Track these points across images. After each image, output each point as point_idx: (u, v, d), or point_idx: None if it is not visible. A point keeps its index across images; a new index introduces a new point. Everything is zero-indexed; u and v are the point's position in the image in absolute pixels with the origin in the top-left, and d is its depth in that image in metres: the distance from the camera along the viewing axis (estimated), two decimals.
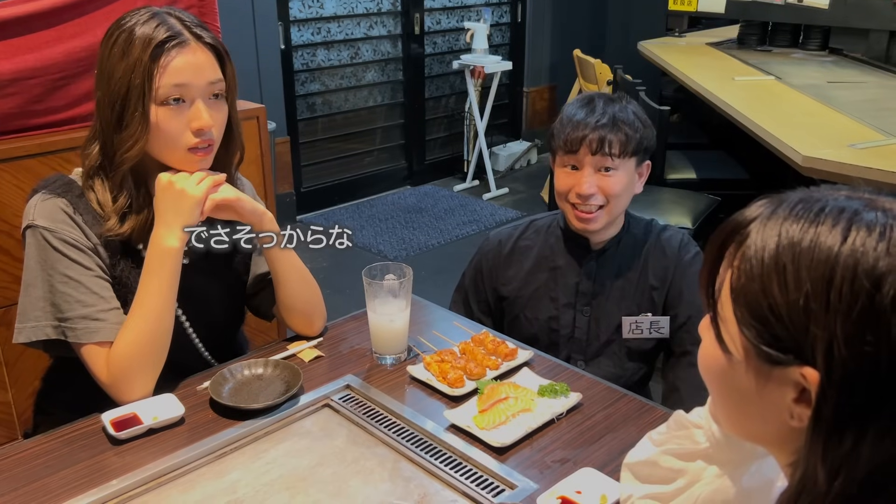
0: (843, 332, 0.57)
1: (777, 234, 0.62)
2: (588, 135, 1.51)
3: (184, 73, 1.25)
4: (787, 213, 0.63)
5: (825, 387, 0.59)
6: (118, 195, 1.31)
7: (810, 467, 0.61)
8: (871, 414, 0.58)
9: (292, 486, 1.14)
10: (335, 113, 4.78)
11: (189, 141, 1.28)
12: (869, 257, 0.58)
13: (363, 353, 1.47)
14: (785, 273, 0.60)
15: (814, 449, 0.61)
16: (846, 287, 0.58)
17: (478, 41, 4.81)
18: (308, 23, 4.49)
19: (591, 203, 1.53)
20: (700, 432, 0.83)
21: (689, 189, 3.07)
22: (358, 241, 4.24)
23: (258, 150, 2.20)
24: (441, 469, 1.16)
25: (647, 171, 1.62)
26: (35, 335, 1.29)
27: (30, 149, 1.80)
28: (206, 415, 1.28)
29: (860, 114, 2.59)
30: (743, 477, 0.78)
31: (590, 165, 1.53)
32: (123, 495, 1.11)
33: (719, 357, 0.67)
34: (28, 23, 1.79)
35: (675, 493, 0.82)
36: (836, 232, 0.60)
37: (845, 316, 0.57)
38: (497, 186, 5.01)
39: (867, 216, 0.60)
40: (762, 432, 0.68)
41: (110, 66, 1.25)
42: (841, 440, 0.59)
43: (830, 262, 0.59)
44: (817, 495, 0.60)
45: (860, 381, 0.58)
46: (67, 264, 1.27)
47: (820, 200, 0.63)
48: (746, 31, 4.04)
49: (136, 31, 1.24)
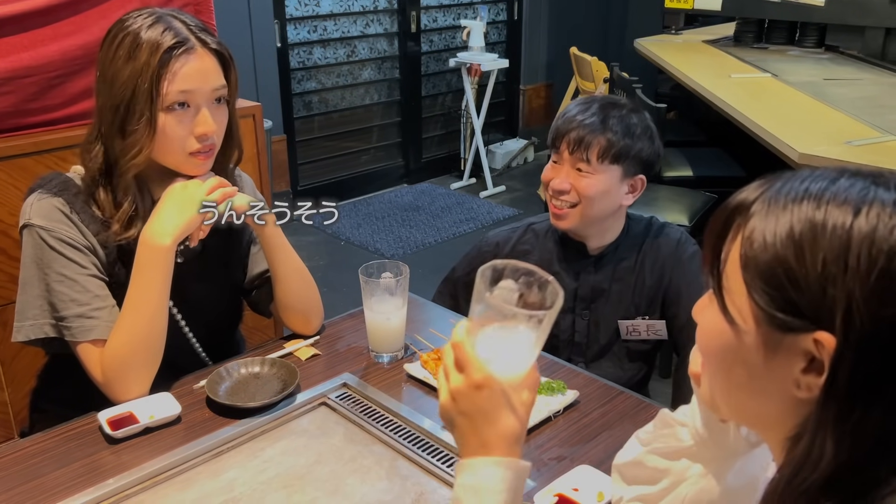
0: (862, 295, 0.58)
1: (788, 208, 0.62)
2: (570, 132, 1.51)
3: (191, 80, 1.25)
4: (794, 187, 0.64)
5: (842, 351, 0.59)
6: (122, 200, 1.30)
7: (818, 438, 0.61)
8: (885, 381, 0.59)
9: (289, 485, 1.14)
10: (331, 111, 4.78)
11: (192, 146, 1.28)
12: (884, 227, 0.59)
13: (360, 352, 1.47)
14: (801, 242, 0.60)
15: (823, 418, 0.61)
16: (864, 252, 0.58)
17: (474, 39, 4.81)
18: (304, 21, 4.49)
19: (564, 199, 1.54)
20: (684, 430, 0.82)
21: (686, 186, 3.07)
22: (355, 239, 4.24)
23: (254, 148, 2.20)
24: (438, 467, 1.16)
25: (642, 186, 1.59)
26: (34, 333, 1.29)
27: (25, 147, 1.80)
28: (203, 413, 1.28)
29: (856, 111, 2.59)
30: (727, 475, 0.78)
31: (567, 163, 1.54)
32: (120, 494, 1.11)
33: (724, 331, 0.67)
34: (23, 21, 1.78)
35: (660, 493, 0.82)
36: (848, 206, 0.60)
37: (864, 279, 0.58)
38: (494, 184, 5.01)
39: (877, 192, 0.61)
40: (764, 411, 0.68)
41: (114, 70, 1.24)
42: (853, 408, 0.59)
43: (846, 231, 0.59)
44: (820, 467, 0.61)
45: (876, 346, 0.58)
46: (63, 263, 1.27)
47: (824, 177, 0.64)
48: (743, 28, 4.04)
49: (141, 34, 1.23)
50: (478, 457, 0.80)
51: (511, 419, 0.80)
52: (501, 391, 0.79)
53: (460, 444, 0.83)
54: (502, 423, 0.80)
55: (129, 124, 1.24)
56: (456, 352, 0.81)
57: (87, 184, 1.32)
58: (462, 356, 0.80)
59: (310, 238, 4.24)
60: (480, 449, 0.80)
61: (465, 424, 0.81)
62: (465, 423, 0.81)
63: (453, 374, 0.81)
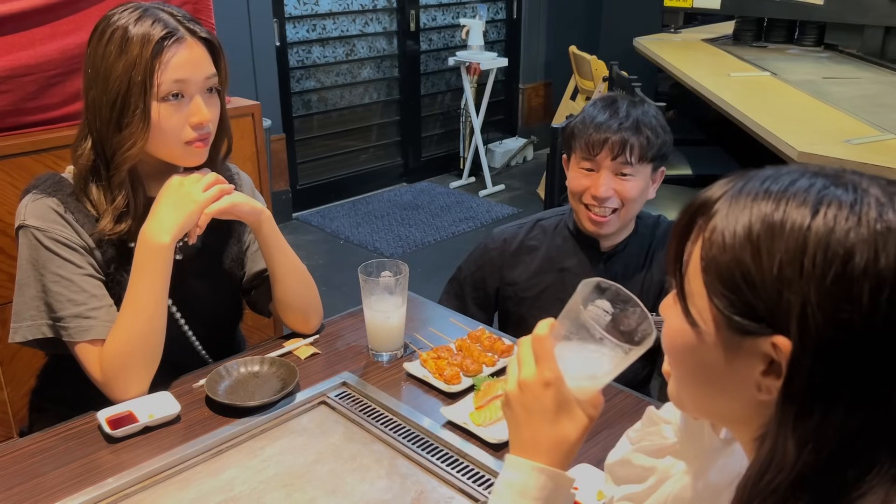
0: (817, 298, 0.57)
1: (748, 207, 0.62)
2: (611, 137, 1.49)
3: (183, 69, 1.25)
4: (755, 187, 0.63)
5: (798, 355, 0.59)
6: (116, 195, 1.30)
7: (780, 440, 0.61)
8: (842, 384, 0.58)
9: (289, 484, 1.13)
10: (331, 110, 4.77)
11: (188, 135, 1.28)
12: (841, 229, 0.58)
13: (359, 351, 1.47)
14: (759, 242, 0.60)
15: (784, 420, 0.61)
16: (819, 255, 0.58)
17: (473, 38, 4.81)
18: (303, 19, 4.49)
19: (607, 206, 1.53)
20: (669, 427, 0.82)
21: (685, 185, 3.07)
22: (354, 238, 4.24)
23: (253, 147, 2.20)
24: (438, 466, 1.16)
25: (661, 177, 1.61)
26: (31, 334, 1.29)
27: (24, 146, 1.80)
28: (202, 412, 1.28)
29: (855, 109, 2.59)
30: (709, 472, 0.78)
31: (607, 168, 1.52)
32: (119, 493, 1.10)
33: (686, 333, 0.67)
34: (22, 19, 1.78)
35: (646, 492, 0.82)
36: (807, 207, 0.60)
37: (819, 282, 0.57)
38: (493, 183, 5.01)
39: (836, 192, 0.60)
40: (728, 410, 0.68)
41: (106, 65, 1.24)
42: (812, 411, 0.59)
43: (803, 233, 0.59)
44: (785, 468, 0.60)
45: (832, 350, 0.58)
46: (59, 263, 1.27)
47: (786, 176, 0.63)
48: (742, 27, 4.04)
49: (130, 28, 1.24)
50: (526, 457, 0.80)
51: (568, 427, 0.79)
52: (567, 397, 0.79)
53: (512, 437, 0.82)
54: (559, 427, 0.79)
55: (124, 117, 1.24)
56: (535, 344, 0.80)
57: (78, 181, 1.31)
58: (540, 350, 0.79)
59: (309, 237, 4.24)
60: (531, 446, 0.80)
61: (523, 417, 0.80)
62: (524, 416, 0.80)
63: (526, 365, 0.80)
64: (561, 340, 0.80)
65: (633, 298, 0.81)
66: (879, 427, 0.59)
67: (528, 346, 0.81)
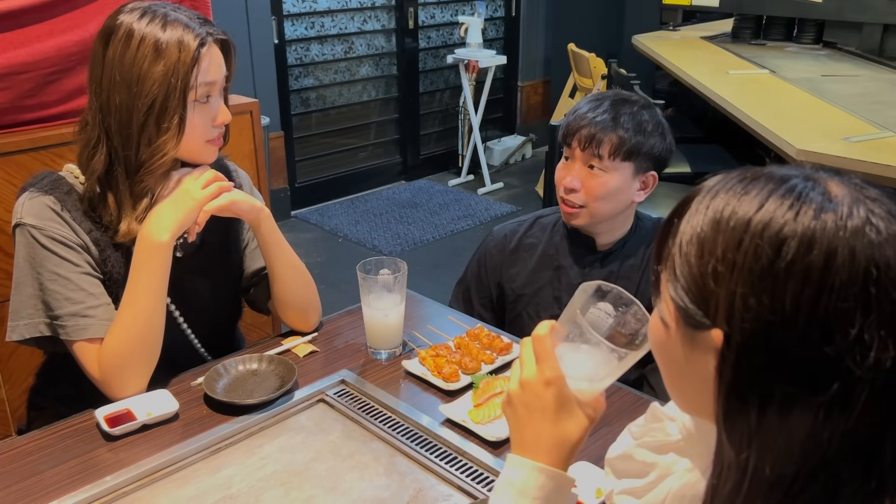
0: (743, 291, 0.58)
1: (707, 206, 0.63)
2: (583, 129, 1.51)
3: (211, 72, 1.27)
4: (723, 186, 0.64)
5: (725, 348, 0.59)
6: (137, 202, 1.29)
7: (721, 440, 0.61)
8: (772, 382, 0.58)
9: (287, 482, 1.13)
10: (329, 108, 4.77)
11: (210, 134, 1.31)
12: (777, 222, 0.58)
13: (358, 348, 1.47)
14: (704, 238, 0.62)
15: (719, 416, 0.61)
16: (751, 249, 0.58)
17: (472, 35, 4.81)
18: (301, 17, 4.48)
19: (573, 198, 1.53)
20: (673, 425, 0.83)
21: (684, 183, 3.07)
22: (353, 236, 4.23)
23: (252, 145, 2.19)
24: (436, 463, 1.16)
25: (654, 182, 1.59)
26: (29, 332, 1.28)
27: (21, 144, 1.80)
28: (201, 410, 1.28)
29: (854, 107, 2.59)
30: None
31: (580, 160, 1.53)
32: (117, 491, 1.10)
33: (660, 329, 0.68)
34: (19, 17, 1.78)
35: (647, 487, 0.82)
36: (756, 201, 0.60)
37: (746, 276, 0.58)
38: (492, 181, 5.01)
39: (791, 185, 0.60)
40: (700, 404, 0.68)
41: (140, 72, 1.22)
42: (744, 408, 0.59)
43: (743, 227, 0.59)
44: (731, 474, 0.60)
45: (757, 345, 0.58)
46: (56, 262, 1.27)
47: (760, 174, 0.64)
48: (740, 24, 4.04)
49: (160, 34, 1.22)
50: (527, 457, 0.80)
51: (570, 426, 0.80)
52: (568, 396, 0.80)
53: (514, 436, 0.83)
54: (560, 426, 0.80)
55: (162, 122, 1.24)
56: (535, 344, 0.81)
57: (91, 188, 1.29)
58: (541, 350, 0.80)
59: (308, 235, 4.24)
60: (532, 446, 0.80)
61: (524, 416, 0.81)
62: (525, 415, 0.81)
63: (527, 365, 0.81)
64: (562, 341, 0.80)
65: (635, 302, 0.81)
66: (829, 439, 0.56)
67: (529, 347, 0.82)
